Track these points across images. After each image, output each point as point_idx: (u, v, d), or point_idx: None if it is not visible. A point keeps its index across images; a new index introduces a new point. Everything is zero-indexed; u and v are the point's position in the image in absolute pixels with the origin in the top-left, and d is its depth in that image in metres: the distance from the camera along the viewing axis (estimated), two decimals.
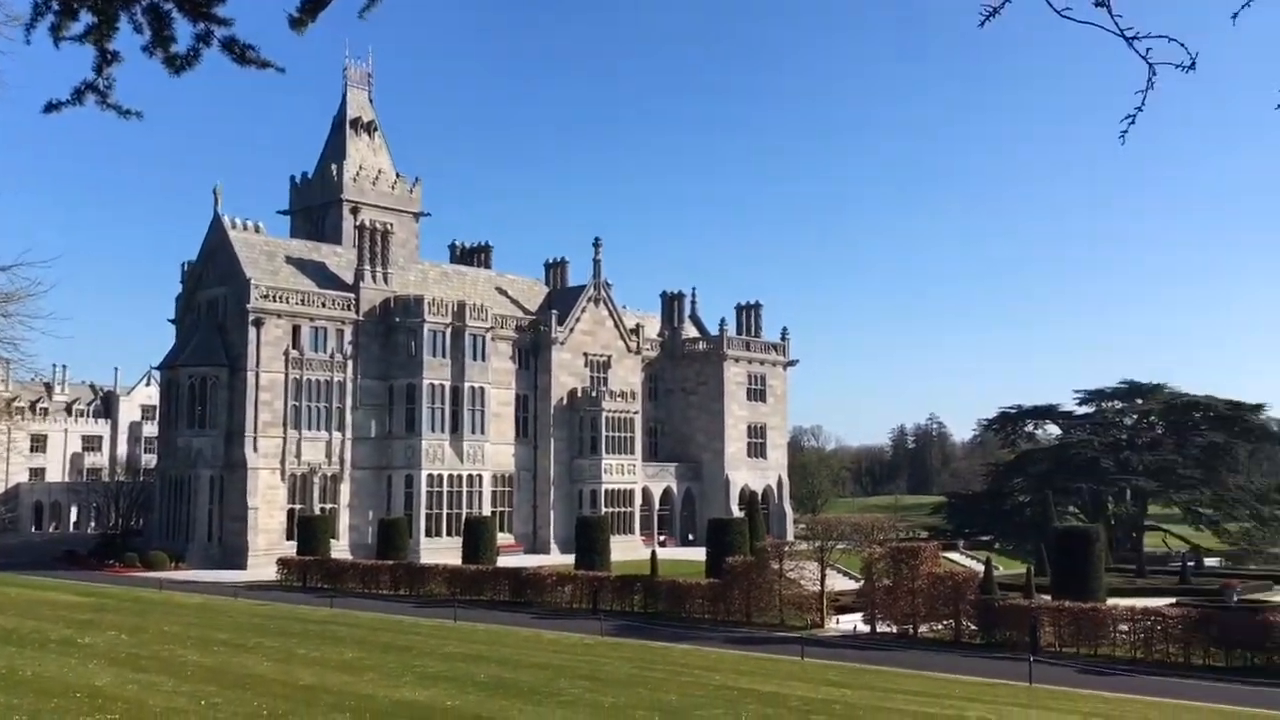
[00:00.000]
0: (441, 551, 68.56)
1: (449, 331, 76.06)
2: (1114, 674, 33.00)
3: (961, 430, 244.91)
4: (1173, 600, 47.11)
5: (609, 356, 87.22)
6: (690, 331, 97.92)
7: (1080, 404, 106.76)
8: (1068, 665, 34.39)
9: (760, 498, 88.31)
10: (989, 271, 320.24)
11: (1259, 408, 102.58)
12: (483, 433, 77.26)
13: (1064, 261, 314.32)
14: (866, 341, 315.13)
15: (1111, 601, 42.47)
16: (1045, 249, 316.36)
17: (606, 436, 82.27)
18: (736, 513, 78.34)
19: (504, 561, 61.35)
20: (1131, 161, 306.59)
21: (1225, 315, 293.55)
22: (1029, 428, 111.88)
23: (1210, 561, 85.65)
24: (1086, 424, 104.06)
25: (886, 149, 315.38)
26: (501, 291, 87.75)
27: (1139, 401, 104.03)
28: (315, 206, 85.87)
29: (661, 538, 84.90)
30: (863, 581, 45.64)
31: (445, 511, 74.60)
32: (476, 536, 59.90)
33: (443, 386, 75.44)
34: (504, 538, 75.26)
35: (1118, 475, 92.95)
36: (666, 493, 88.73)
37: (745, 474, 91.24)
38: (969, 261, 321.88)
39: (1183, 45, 4.04)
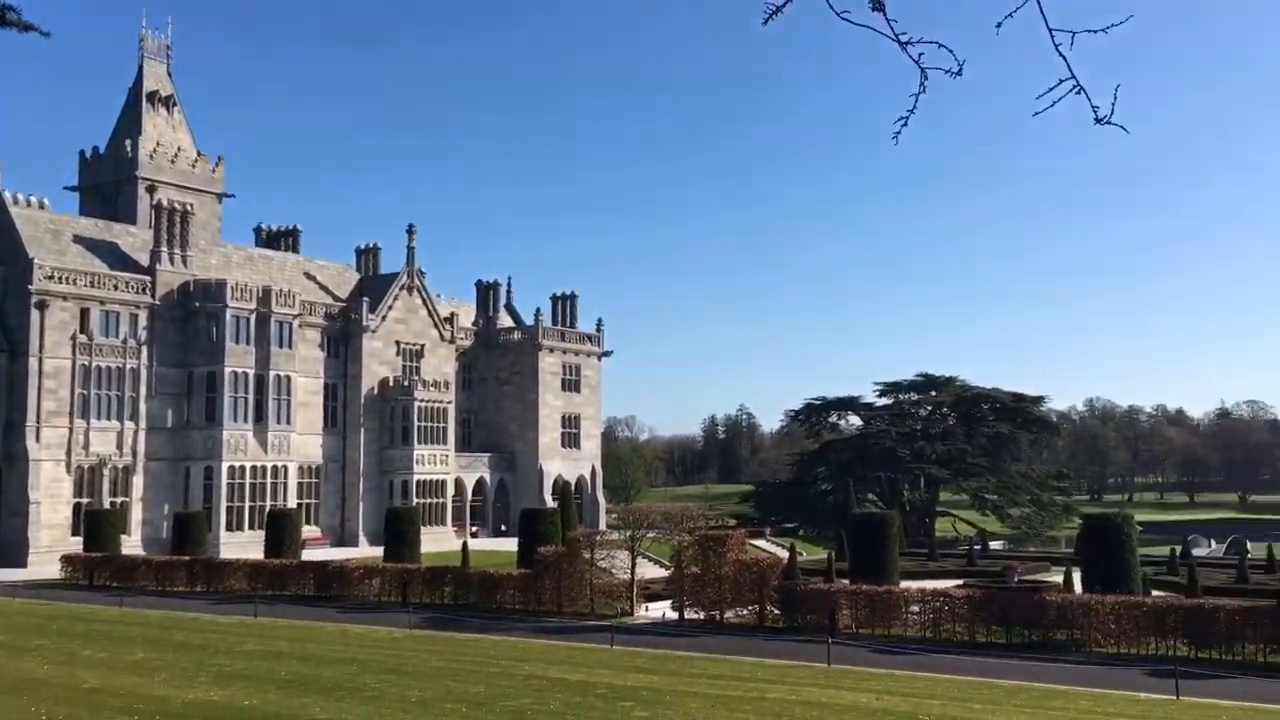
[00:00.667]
0: (243, 546, 66.11)
1: (254, 318, 73.23)
2: (905, 653, 34.62)
3: (770, 421, 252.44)
4: (960, 582, 49.72)
5: (422, 345, 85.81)
6: (505, 321, 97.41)
7: (880, 396, 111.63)
8: (863, 646, 35.88)
9: (574, 488, 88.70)
10: (795, 266, 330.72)
11: (1040, 400, 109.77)
12: (289, 423, 74.80)
13: (867, 257, 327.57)
14: (680, 333, 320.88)
15: (905, 584, 44.51)
16: (851, 245, 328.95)
17: (419, 426, 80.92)
18: (550, 503, 78.52)
19: (309, 555, 59.63)
20: (923, 161, 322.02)
21: (1011, 312, 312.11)
22: (832, 418, 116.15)
23: (995, 545, 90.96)
24: (885, 415, 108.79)
25: (692, 140, 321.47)
26: (310, 277, 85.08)
27: (933, 394, 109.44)
28: (107, 184, 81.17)
29: (474, 529, 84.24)
30: (672, 569, 46.43)
31: (248, 504, 71.87)
32: (280, 530, 57.94)
33: (246, 375, 72.61)
34: (310, 530, 73.12)
35: (913, 464, 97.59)
36: (480, 483, 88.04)
37: (559, 464, 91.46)
38: (777, 255, 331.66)
39: (951, 51, 4.25)
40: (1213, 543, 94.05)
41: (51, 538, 64.61)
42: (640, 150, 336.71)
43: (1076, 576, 44.30)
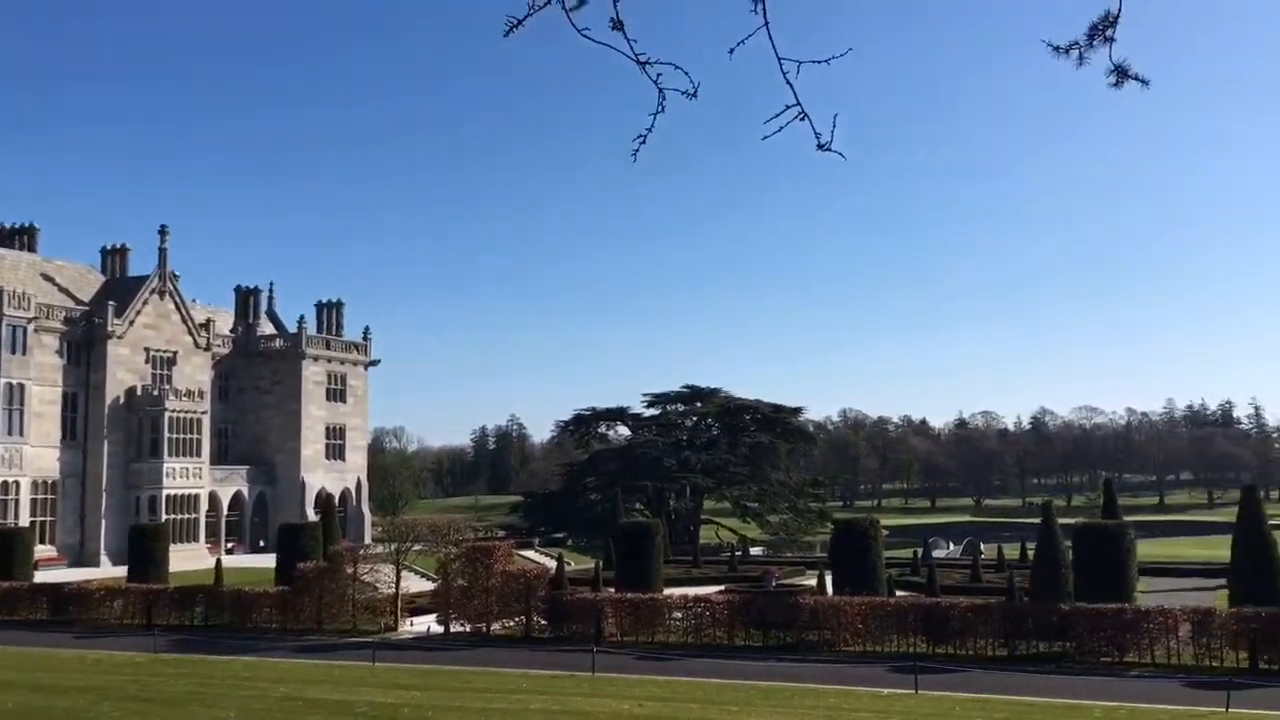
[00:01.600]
0: None
1: None
2: (668, 658, 35.40)
3: (541, 432, 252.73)
4: (722, 588, 51.31)
5: (175, 353, 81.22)
6: (267, 328, 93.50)
7: (647, 407, 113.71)
8: (628, 653, 36.45)
9: (338, 501, 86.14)
10: (566, 276, 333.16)
11: (798, 411, 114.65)
12: (21, 434, 69.20)
13: (638, 268, 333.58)
14: (450, 343, 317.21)
15: (669, 591, 45.57)
16: (621, 256, 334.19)
17: (170, 438, 76.47)
18: (312, 517, 75.84)
19: (44, 576, 55.38)
20: (685, 172, 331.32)
21: (773, 325, 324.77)
22: (602, 429, 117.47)
23: (755, 550, 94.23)
24: (653, 425, 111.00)
25: (462, 145, 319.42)
26: (48, 278, 79.08)
27: (698, 405, 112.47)
28: None
29: (230, 545, 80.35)
30: (439, 582, 45.78)
31: None
32: (9, 550, 53.43)
33: None
34: (44, 550, 67.83)
35: (679, 473, 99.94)
36: (237, 497, 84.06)
37: (323, 476, 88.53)
38: (547, 265, 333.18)
39: (687, 74, 4.44)
40: (951, 545, 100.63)
41: None
42: (409, 155, 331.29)
43: (829, 579, 46.45)
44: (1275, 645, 32.63)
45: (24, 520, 67.57)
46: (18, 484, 68.92)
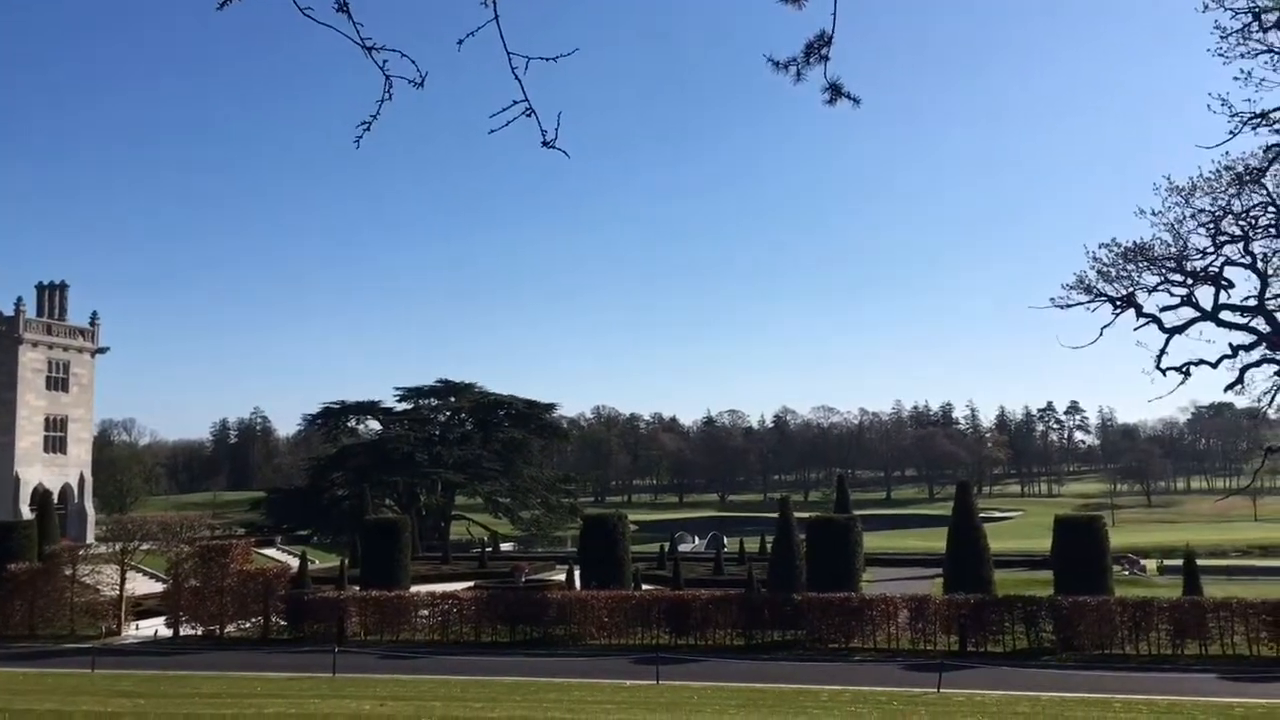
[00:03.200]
0: None
1: None
2: (414, 657, 34.87)
3: (287, 426, 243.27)
4: (471, 584, 50.99)
5: None
6: None
7: (400, 400, 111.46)
8: (371, 653, 35.67)
9: (58, 497, 79.88)
10: (313, 265, 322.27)
11: (551, 407, 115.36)
12: None
13: (382, 258, 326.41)
14: (188, 332, 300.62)
15: (417, 588, 44.86)
16: (371, 247, 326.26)
17: None
18: (27, 514, 70.06)
19: None
20: (415, 169, 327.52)
21: (524, 321, 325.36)
22: (352, 423, 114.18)
23: (506, 546, 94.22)
24: (405, 420, 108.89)
25: (191, 132, 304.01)
26: None
27: (453, 399, 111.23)
28: None
29: None
30: (169, 583, 43.31)
31: None
32: None
33: None
34: None
35: (430, 468, 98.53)
36: None
37: (40, 471, 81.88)
38: (292, 254, 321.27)
39: (414, 62, 4.37)
40: (696, 539, 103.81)
41: None
42: (139, 133, 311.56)
43: (578, 574, 46.98)
44: (982, 629, 35.49)
45: None
46: None
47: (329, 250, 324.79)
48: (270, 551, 72.43)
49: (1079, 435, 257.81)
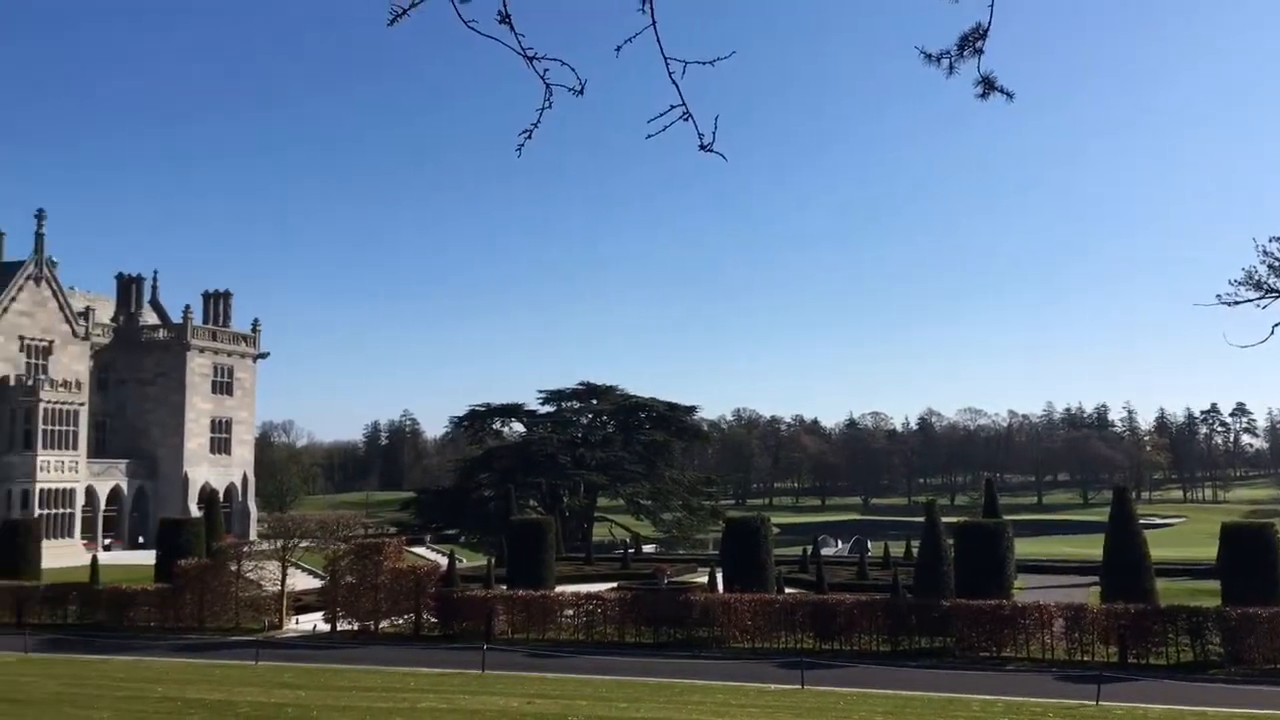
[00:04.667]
0: None
1: None
2: (559, 656, 35.36)
3: (434, 427, 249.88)
4: (614, 585, 51.42)
5: (51, 341, 78.19)
6: (150, 318, 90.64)
7: (543, 403, 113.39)
8: (518, 651, 36.30)
9: (223, 496, 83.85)
10: (462, 271, 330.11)
11: (692, 410, 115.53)
12: None
13: (533, 262, 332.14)
14: (342, 336, 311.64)
15: (561, 588, 45.49)
16: (517, 252, 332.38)
17: (44, 430, 73.58)
18: (196, 512, 73.71)
19: None
20: (571, 173, 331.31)
21: (665, 323, 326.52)
22: (496, 425, 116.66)
23: (648, 548, 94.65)
24: (548, 422, 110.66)
25: (348, 142, 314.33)
26: None
27: (594, 402, 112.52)
28: None
29: (107, 541, 77.72)
30: (326, 580, 44.96)
31: None
32: None
33: None
34: None
35: (573, 470, 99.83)
36: (115, 492, 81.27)
37: (207, 471, 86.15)
38: (442, 260, 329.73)
39: (574, 70, 4.44)
40: (839, 542, 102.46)
41: None
42: (301, 146, 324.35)
43: (720, 577, 46.88)
44: (1144, 640, 34.03)
45: None
46: None
47: (475, 254, 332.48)
48: (420, 550, 74.45)
49: (1246, 438, 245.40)
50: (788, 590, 46.38)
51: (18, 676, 29.09)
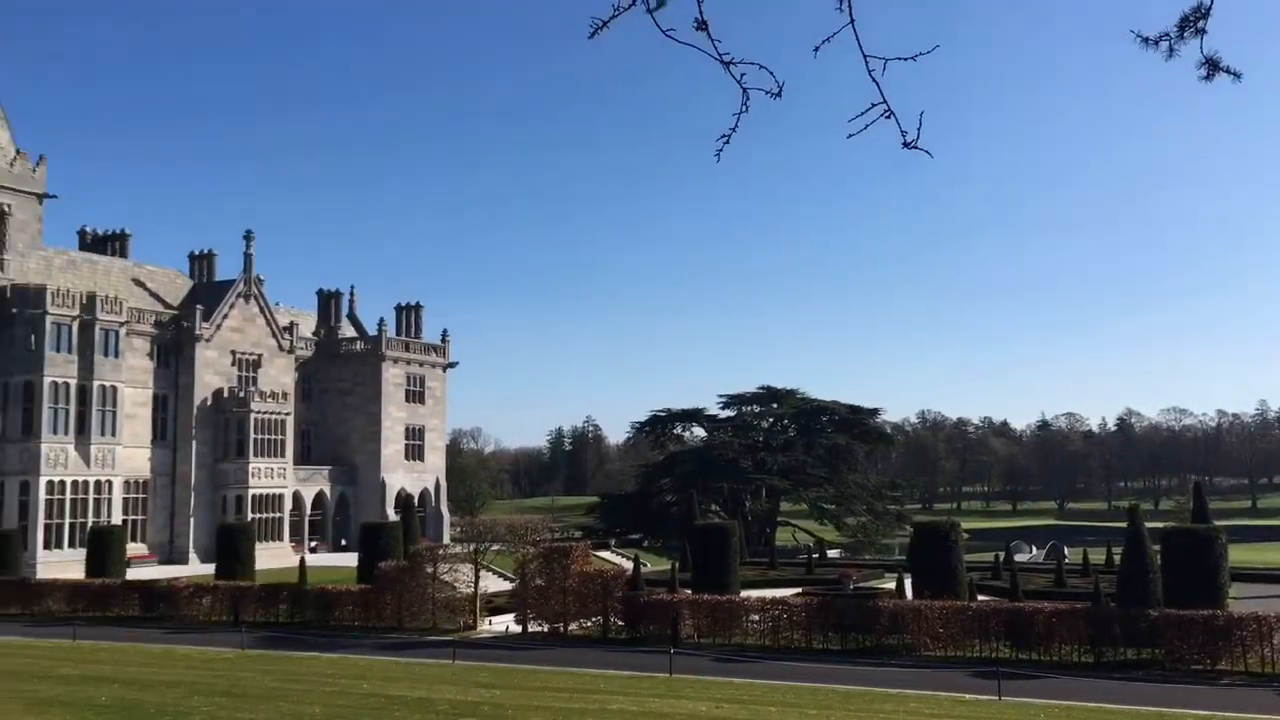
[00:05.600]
0: (63, 565, 62.67)
1: (76, 325, 69.64)
2: (746, 661, 35.23)
3: (616, 433, 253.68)
4: (799, 590, 50.90)
5: (259, 355, 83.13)
6: (348, 331, 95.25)
7: (723, 408, 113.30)
8: (705, 655, 36.38)
9: (417, 501, 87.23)
10: (641, 276, 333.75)
11: (875, 412, 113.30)
12: (114, 435, 71.30)
13: (711, 269, 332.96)
14: (526, 344, 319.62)
15: (746, 593, 45.35)
16: (695, 257, 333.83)
17: (255, 439, 78.29)
18: (393, 517, 76.91)
19: (136, 573, 57.01)
20: (760, 173, 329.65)
21: (850, 326, 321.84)
22: (677, 430, 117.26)
23: (832, 553, 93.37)
24: (729, 426, 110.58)
25: (536, 152, 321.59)
26: (139, 283, 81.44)
27: (774, 406, 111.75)
28: None
29: (313, 544, 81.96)
30: (517, 582, 46.12)
31: (68, 521, 68.11)
32: (103, 547, 55.13)
33: (68, 385, 68.94)
34: (136, 548, 69.84)
35: (755, 474, 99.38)
36: (319, 497, 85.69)
37: (402, 477, 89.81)
38: (623, 268, 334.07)
39: (771, 73, 4.40)
40: (1033, 548, 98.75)
41: None
42: (483, 157, 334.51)
43: (908, 583, 45.86)
44: None
45: (116, 519, 69.60)
46: (110, 483, 70.98)
47: (654, 260, 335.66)
48: (605, 554, 75.58)
49: None
50: (980, 597, 44.94)
51: (237, 672, 30.95)
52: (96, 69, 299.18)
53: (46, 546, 66.56)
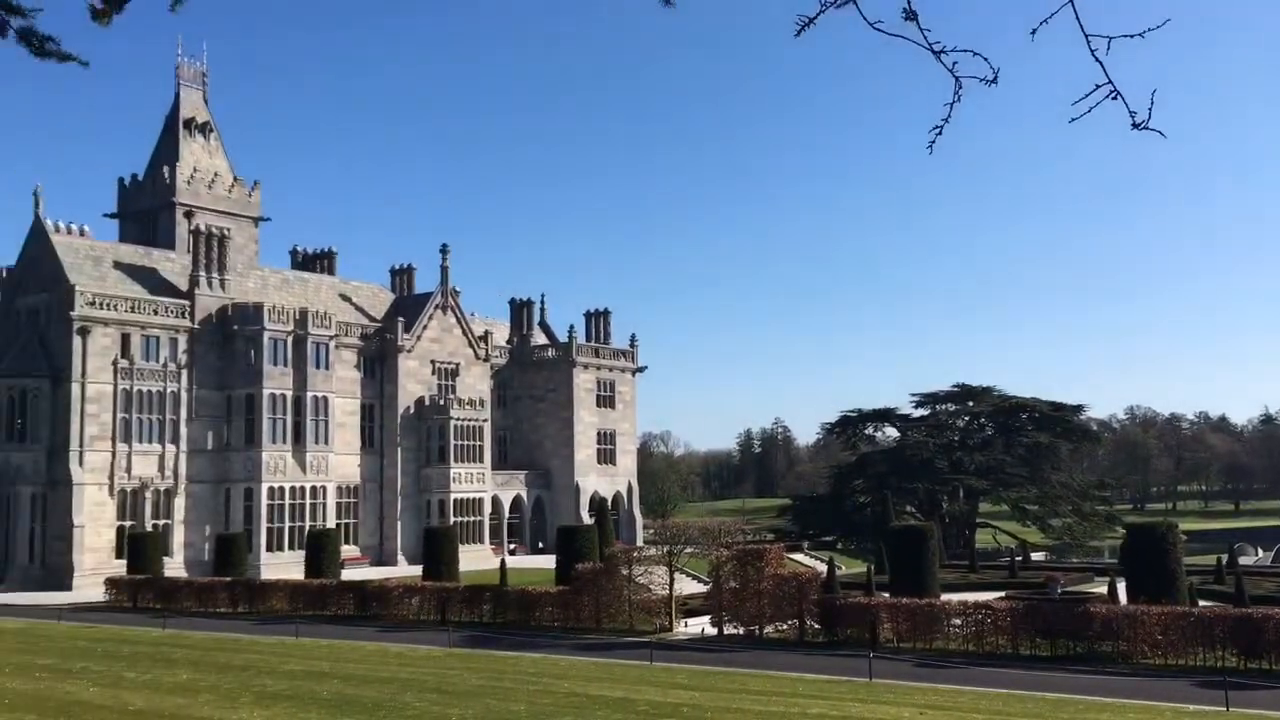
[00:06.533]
0: (284, 566, 66.57)
1: (290, 340, 73.95)
2: (948, 666, 34.24)
3: (805, 434, 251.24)
4: (1002, 594, 49.18)
5: (457, 364, 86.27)
6: (539, 338, 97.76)
7: (916, 407, 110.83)
8: (905, 660, 35.54)
9: (610, 504, 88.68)
10: (828, 278, 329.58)
11: (1079, 409, 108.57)
12: (327, 443, 75.34)
13: (899, 269, 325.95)
14: (713, 348, 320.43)
15: (945, 597, 44.08)
16: (882, 256, 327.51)
17: (455, 445, 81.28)
18: (587, 519, 78.51)
19: (349, 574, 59.92)
20: (956, 167, 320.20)
21: (1048, 320, 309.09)
22: (869, 430, 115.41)
23: (1036, 556, 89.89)
24: (922, 426, 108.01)
25: (722, 153, 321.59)
26: (346, 298, 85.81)
27: (970, 404, 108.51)
28: (146, 210, 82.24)
29: (512, 546, 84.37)
30: (710, 584, 46.20)
31: (288, 525, 72.39)
32: (319, 550, 58.27)
33: (284, 396, 73.25)
34: (349, 550, 73.53)
35: (951, 475, 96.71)
36: (516, 501, 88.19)
37: (595, 480, 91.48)
38: (810, 267, 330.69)
39: (986, 59, 4.22)
40: (1259, 551, 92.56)
41: (95, 560, 65.34)
42: (672, 161, 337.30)
43: (1121, 587, 43.70)
44: None
45: (330, 522, 73.48)
46: (324, 489, 75.02)
47: (838, 260, 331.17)
48: (798, 556, 74.95)
49: None
50: (1201, 603, 42.36)
51: (445, 670, 32.12)
52: (301, 93, 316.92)
53: (269, 549, 70.90)
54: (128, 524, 67.52)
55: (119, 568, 62.24)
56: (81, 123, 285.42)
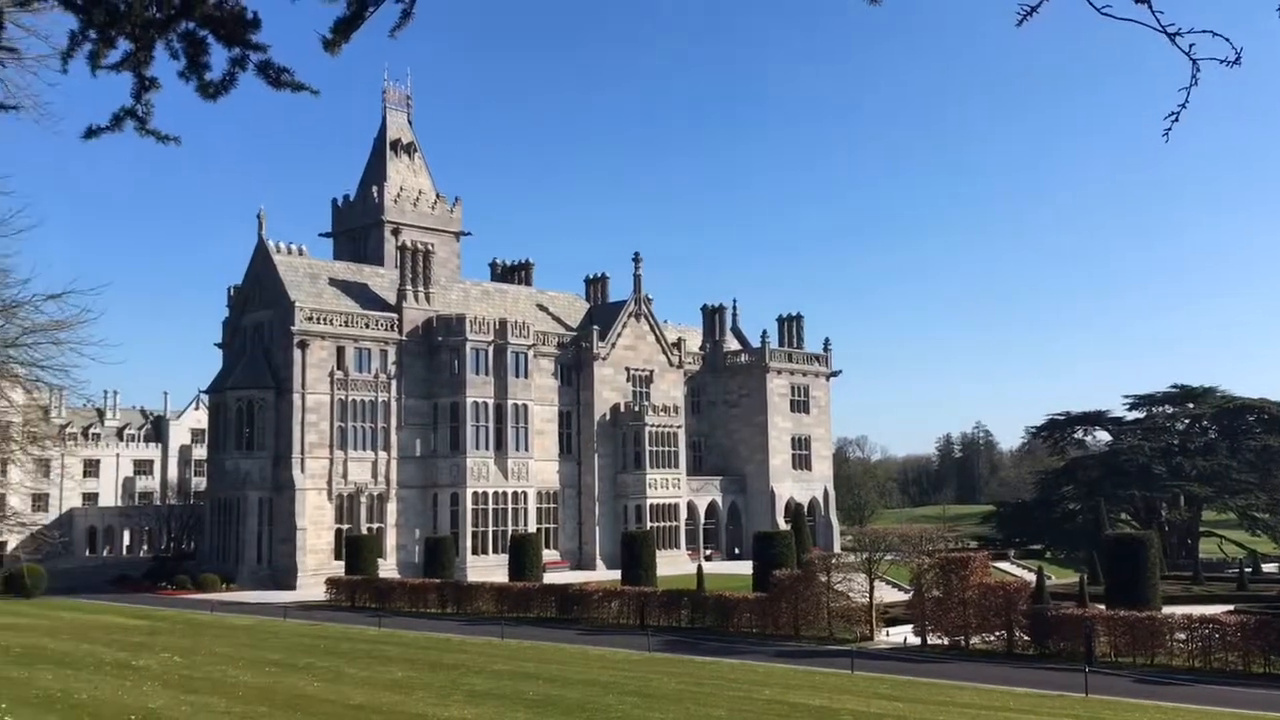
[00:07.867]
0: (488, 569, 68.77)
1: (491, 349, 76.45)
2: (1172, 683, 32.34)
3: (1008, 438, 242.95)
4: (1230, 607, 46.15)
5: (651, 371, 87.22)
6: (731, 344, 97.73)
7: (1130, 409, 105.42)
8: (1124, 675, 33.78)
9: (806, 510, 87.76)
10: (1031, 276, 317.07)
11: None
12: (527, 449, 77.45)
13: (1108, 265, 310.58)
14: (909, 350, 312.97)
15: (1167, 610, 41.71)
16: (1089, 253, 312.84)
17: (650, 451, 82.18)
18: (782, 525, 77.91)
19: (550, 578, 61.34)
20: (1169, 164, 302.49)
21: (1275, 316, 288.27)
22: (1078, 434, 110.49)
23: (1268, 567, 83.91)
24: (1137, 430, 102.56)
25: (924, 157, 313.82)
26: (542, 308, 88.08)
27: (1190, 406, 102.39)
28: (357, 228, 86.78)
29: (708, 552, 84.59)
30: (912, 593, 45.05)
31: (491, 529, 74.81)
32: (522, 553, 59.98)
33: (486, 404, 75.77)
34: (549, 554, 75.29)
35: (1170, 481, 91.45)
36: (711, 506, 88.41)
37: (790, 486, 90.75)
38: (1011, 267, 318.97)
39: (1227, 40, 3.92)
40: None
41: (317, 561, 69.19)
42: (870, 162, 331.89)
43: None
44: None
45: (531, 527, 75.52)
46: (525, 494, 77.17)
47: (1038, 261, 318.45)
48: (1004, 565, 72.32)
49: None
50: None
51: (646, 674, 32.42)
52: (498, 109, 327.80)
53: (474, 552, 73.43)
54: (345, 527, 71.24)
55: (337, 568, 65.68)
56: (299, 148, 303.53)
